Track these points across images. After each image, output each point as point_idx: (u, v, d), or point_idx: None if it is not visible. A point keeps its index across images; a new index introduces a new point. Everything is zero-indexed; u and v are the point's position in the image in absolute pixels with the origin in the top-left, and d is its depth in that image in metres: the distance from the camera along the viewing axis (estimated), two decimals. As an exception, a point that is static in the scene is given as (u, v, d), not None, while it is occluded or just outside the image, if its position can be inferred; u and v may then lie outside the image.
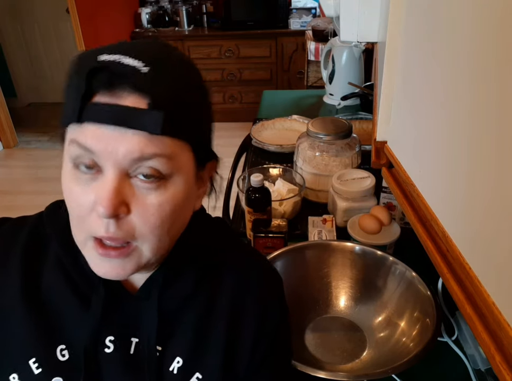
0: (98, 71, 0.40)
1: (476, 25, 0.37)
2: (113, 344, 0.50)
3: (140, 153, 0.40)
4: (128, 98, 0.40)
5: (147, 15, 3.79)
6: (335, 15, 1.06)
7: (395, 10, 0.58)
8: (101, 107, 0.40)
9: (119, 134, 0.40)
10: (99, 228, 0.42)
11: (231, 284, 0.55)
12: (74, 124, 0.41)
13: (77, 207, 0.43)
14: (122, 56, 0.41)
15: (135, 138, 0.40)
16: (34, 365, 0.48)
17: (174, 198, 0.44)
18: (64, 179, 0.44)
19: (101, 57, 0.41)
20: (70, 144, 0.42)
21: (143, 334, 0.50)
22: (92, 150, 0.40)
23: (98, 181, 0.42)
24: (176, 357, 0.51)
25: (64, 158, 0.45)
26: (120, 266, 0.44)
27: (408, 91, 0.57)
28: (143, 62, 0.41)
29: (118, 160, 0.40)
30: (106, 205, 0.40)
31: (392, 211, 1.07)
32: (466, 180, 0.40)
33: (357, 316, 0.87)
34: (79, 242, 0.45)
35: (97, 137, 0.40)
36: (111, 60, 0.40)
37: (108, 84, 0.40)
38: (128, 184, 0.42)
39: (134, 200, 0.42)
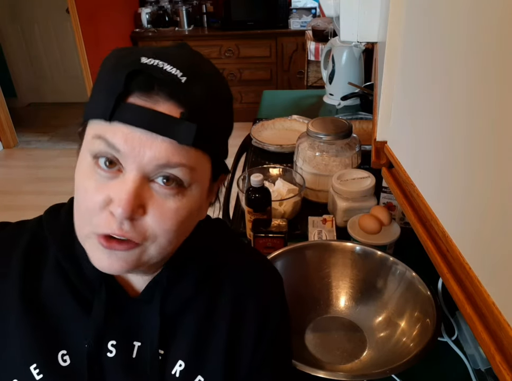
0: (139, 73, 0.40)
1: (475, 25, 0.37)
2: (116, 348, 0.50)
3: (166, 160, 0.41)
4: (163, 104, 0.40)
5: (147, 15, 3.79)
6: (335, 15, 1.06)
7: (395, 10, 0.58)
8: (136, 109, 0.40)
9: (149, 138, 0.40)
10: (110, 225, 0.41)
11: (232, 285, 0.55)
12: (103, 120, 0.41)
13: (89, 201, 0.42)
14: (163, 62, 0.41)
15: (164, 146, 0.40)
16: (35, 372, 0.47)
17: (190, 206, 0.45)
18: (79, 171, 0.44)
19: (143, 60, 0.41)
20: (94, 139, 0.42)
21: (145, 337, 0.50)
22: (119, 149, 0.40)
23: (116, 180, 0.41)
24: (179, 361, 0.51)
25: (82, 151, 0.44)
26: (122, 260, 0.43)
27: (407, 91, 0.57)
28: (181, 71, 0.41)
29: (143, 164, 0.40)
30: (124, 207, 0.40)
31: (392, 211, 1.07)
32: (466, 180, 0.40)
33: (357, 316, 0.87)
34: (82, 234, 0.45)
35: (126, 138, 0.40)
36: (153, 64, 0.41)
37: (146, 88, 0.40)
38: (147, 188, 0.42)
39: (151, 203, 0.42)
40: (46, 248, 0.52)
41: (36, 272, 0.51)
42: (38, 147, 3.65)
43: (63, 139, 3.74)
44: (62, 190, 2.82)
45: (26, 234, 0.52)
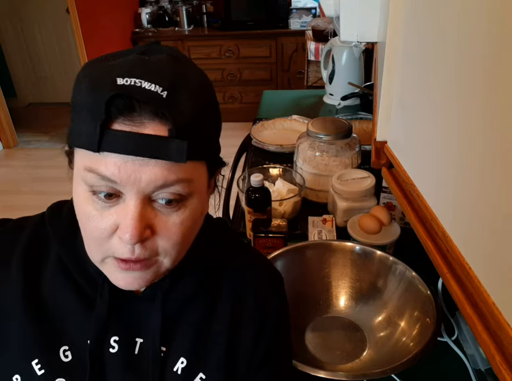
0: (117, 97, 0.38)
1: (476, 25, 0.37)
2: (118, 344, 0.50)
3: (164, 180, 0.40)
4: (148, 125, 0.39)
5: (147, 15, 3.79)
6: (335, 15, 1.06)
7: (395, 10, 0.58)
8: (122, 136, 0.38)
9: (142, 163, 0.39)
10: (122, 251, 0.42)
11: (232, 284, 0.55)
12: (89, 151, 0.40)
13: (95, 230, 0.42)
14: (140, 80, 0.39)
15: (158, 167, 0.40)
16: (36, 367, 0.48)
17: (193, 214, 0.45)
18: (78, 200, 0.43)
19: (119, 81, 0.39)
20: (86, 171, 0.41)
21: (147, 334, 0.51)
22: (114, 180, 0.39)
23: (118, 206, 0.41)
24: (180, 358, 0.51)
25: (75, 175, 0.44)
26: (141, 278, 0.45)
27: (407, 91, 0.57)
28: (160, 86, 0.39)
29: (141, 188, 0.40)
30: (132, 233, 0.40)
31: (392, 211, 1.07)
32: (466, 180, 0.40)
33: (358, 316, 0.87)
34: (96, 260, 0.45)
35: (118, 168, 0.39)
36: (130, 84, 0.39)
37: (128, 111, 0.38)
38: (150, 208, 0.42)
39: (156, 222, 0.42)
40: (48, 245, 0.52)
41: (38, 268, 0.51)
42: (38, 147, 3.64)
43: (63, 139, 3.71)
44: (62, 190, 2.80)
45: (28, 230, 0.53)
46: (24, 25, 4.13)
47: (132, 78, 0.39)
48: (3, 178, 3.18)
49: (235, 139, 1.98)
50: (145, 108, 0.39)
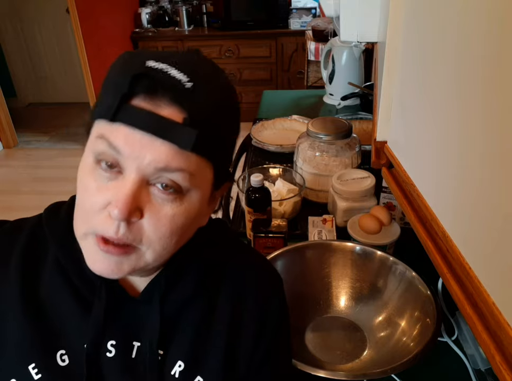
0: (144, 76, 0.40)
1: (476, 24, 0.37)
2: (115, 348, 0.49)
3: (166, 164, 0.41)
4: (166, 108, 0.41)
5: (147, 15, 3.79)
6: (335, 15, 1.06)
7: (395, 10, 0.58)
8: (138, 111, 0.40)
9: (149, 141, 0.40)
10: (107, 228, 0.42)
11: (231, 285, 0.55)
12: (106, 120, 0.41)
13: (88, 201, 0.43)
14: (169, 67, 0.41)
15: (164, 149, 0.41)
16: (33, 371, 0.47)
17: (187, 213, 0.44)
18: (82, 170, 0.44)
19: (149, 63, 0.41)
20: (97, 139, 0.42)
21: (144, 338, 0.50)
22: (119, 150, 0.40)
23: (116, 182, 0.42)
24: (178, 361, 0.51)
25: (86, 149, 0.45)
26: (117, 264, 0.43)
27: (407, 91, 0.57)
28: (187, 77, 0.41)
29: (142, 166, 0.41)
30: (121, 208, 0.40)
31: (392, 211, 1.07)
32: (466, 180, 0.40)
33: (358, 316, 0.87)
34: (79, 233, 0.45)
35: (126, 139, 0.40)
36: (158, 68, 0.41)
37: (150, 91, 0.40)
38: (146, 191, 0.42)
39: (148, 207, 0.42)
40: (45, 247, 0.51)
41: (35, 271, 0.50)
42: (38, 147, 3.65)
43: (63, 139, 3.74)
44: (62, 190, 2.81)
45: (25, 232, 0.52)
46: (24, 25, 4.13)
47: (162, 64, 0.42)
48: (3, 178, 3.18)
49: (235, 139, 1.99)
50: (167, 92, 0.40)
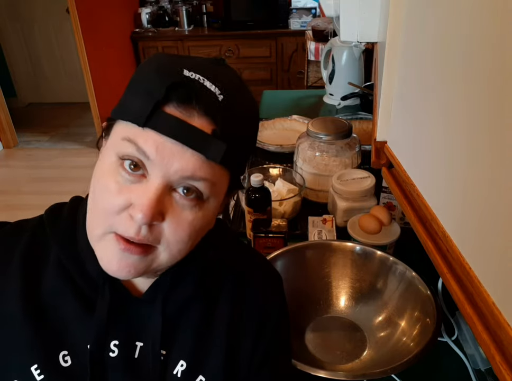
0: (180, 85, 0.41)
1: (476, 24, 0.37)
2: (118, 348, 0.49)
3: (192, 173, 0.42)
4: (197, 119, 0.41)
5: (147, 15, 3.79)
6: (335, 15, 1.06)
7: (395, 10, 0.58)
8: (171, 119, 0.40)
9: (179, 150, 0.41)
10: (128, 229, 0.42)
11: (231, 285, 0.55)
12: (133, 124, 0.41)
13: (107, 202, 0.42)
14: (204, 78, 0.42)
15: (192, 159, 0.41)
16: (35, 372, 0.47)
17: (204, 218, 0.46)
18: (100, 170, 0.44)
19: (185, 73, 0.42)
20: (123, 141, 0.42)
21: (147, 338, 0.50)
22: (149, 156, 0.41)
23: (139, 185, 0.42)
24: (180, 361, 0.51)
25: (106, 148, 0.45)
26: (134, 264, 0.44)
27: (407, 91, 0.57)
28: (219, 89, 0.42)
29: (169, 173, 0.41)
30: (145, 212, 0.40)
31: (392, 211, 1.07)
32: (466, 180, 0.40)
33: (358, 316, 0.87)
34: (96, 234, 0.44)
35: (157, 146, 0.40)
36: (195, 79, 0.42)
37: (185, 100, 0.41)
38: (168, 196, 0.43)
39: (170, 211, 0.43)
40: (47, 247, 0.51)
41: (37, 271, 0.50)
42: (38, 147, 3.65)
43: (63, 139, 3.74)
44: (62, 190, 2.82)
45: (27, 233, 0.52)
46: (24, 25, 4.13)
47: (198, 74, 0.42)
48: (3, 178, 3.18)
49: (235, 139, 1.98)
50: (200, 103, 0.41)
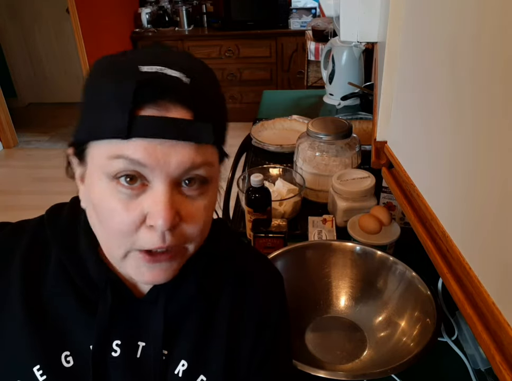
0: (145, 84, 0.39)
1: (476, 24, 0.37)
2: (120, 348, 0.50)
3: (191, 163, 0.41)
4: (174, 110, 0.40)
5: (147, 15, 3.79)
6: (335, 15, 1.06)
7: (395, 10, 0.58)
8: (150, 121, 0.39)
9: (170, 146, 0.40)
10: (153, 241, 0.42)
11: (232, 284, 0.55)
12: (114, 139, 0.40)
13: (121, 224, 0.42)
14: (164, 68, 0.40)
15: (186, 149, 0.41)
16: (38, 373, 0.47)
17: (213, 200, 0.46)
18: (100, 197, 0.42)
19: (143, 69, 0.40)
20: (111, 160, 0.40)
21: (149, 338, 0.50)
22: (145, 164, 0.40)
23: (146, 195, 0.41)
24: (182, 360, 0.51)
25: (92, 177, 0.43)
26: (167, 270, 0.45)
27: (407, 91, 0.57)
28: (182, 72, 0.41)
29: (170, 172, 0.41)
30: (165, 217, 0.40)
31: (392, 211, 1.07)
32: (466, 180, 0.40)
33: (358, 316, 0.87)
34: (117, 255, 0.44)
35: (148, 152, 0.39)
36: (155, 72, 0.40)
37: (155, 97, 0.39)
38: (176, 193, 0.43)
39: (183, 207, 0.43)
40: (48, 249, 0.51)
41: (38, 273, 0.50)
42: (38, 147, 3.64)
43: (63, 139, 3.74)
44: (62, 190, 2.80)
45: (27, 234, 0.52)
46: (24, 25, 4.13)
47: (154, 66, 0.40)
48: (3, 178, 3.18)
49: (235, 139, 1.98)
50: (170, 93, 0.40)
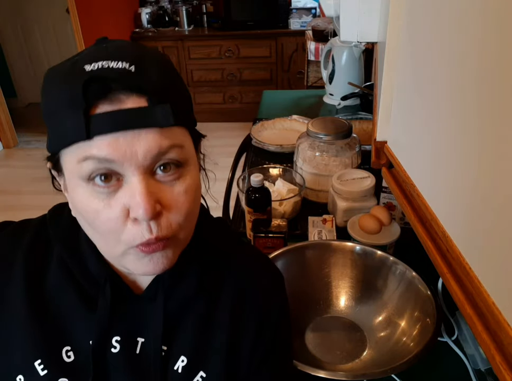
0: (90, 83, 0.39)
1: (477, 24, 0.37)
2: (120, 344, 0.50)
3: (158, 148, 0.41)
4: (127, 100, 0.40)
5: (147, 15, 3.79)
6: (335, 15, 1.06)
7: (395, 10, 0.58)
8: (107, 117, 0.40)
9: (132, 137, 0.40)
10: (141, 234, 0.42)
11: (233, 283, 0.55)
12: (78, 143, 0.40)
13: (108, 222, 0.42)
14: (106, 61, 0.40)
15: (149, 136, 0.41)
16: (39, 367, 0.48)
17: (194, 182, 0.46)
18: (81, 202, 0.43)
19: (87, 68, 0.40)
20: (80, 163, 0.41)
21: (149, 334, 0.51)
22: (112, 159, 0.40)
23: (123, 190, 0.42)
24: (181, 356, 0.51)
25: (70, 184, 0.44)
26: (163, 259, 0.45)
27: (407, 92, 0.57)
28: (126, 62, 0.41)
29: (139, 162, 0.41)
30: (145, 207, 0.40)
31: (392, 211, 1.07)
32: (466, 180, 0.40)
33: (358, 316, 0.87)
34: (115, 254, 0.45)
35: (113, 147, 0.40)
36: (99, 67, 0.40)
37: (105, 93, 0.40)
38: (153, 181, 0.42)
39: (163, 194, 0.43)
40: (49, 247, 0.52)
41: (40, 270, 0.51)
42: (38, 147, 3.64)
43: (63, 139, 3.74)
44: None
45: (30, 233, 0.53)
46: (24, 25, 4.13)
47: (98, 62, 0.40)
48: (3, 178, 3.18)
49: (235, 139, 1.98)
50: (119, 85, 0.40)
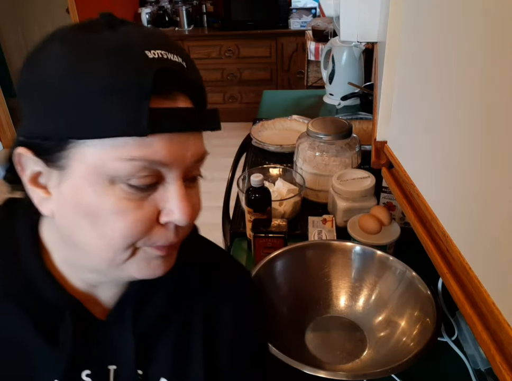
0: (162, 73, 0.34)
1: (476, 24, 0.37)
2: (91, 378, 0.45)
3: (202, 154, 0.39)
4: (178, 98, 0.37)
5: (147, 15, 3.79)
6: (335, 15, 1.06)
7: (395, 10, 0.58)
8: (165, 114, 0.35)
9: (186, 139, 0.37)
10: (168, 237, 0.39)
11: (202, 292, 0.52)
12: (124, 137, 0.34)
13: (136, 224, 0.37)
14: (165, 52, 0.35)
15: (197, 140, 0.38)
16: None
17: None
18: (90, 201, 0.36)
19: (149, 54, 0.34)
20: (120, 161, 0.34)
21: (120, 360, 0.46)
22: (164, 163, 0.36)
23: (158, 192, 0.38)
24: (161, 379, 0.48)
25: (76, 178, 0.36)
26: (172, 259, 0.43)
27: (407, 91, 0.57)
28: (180, 56, 0.36)
29: (185, 166, 0.38)
30: (187, 212, 0.38)
31: (392, 211, 1.07)
32: (466, 180, 0.40)
33: (357, 316, 0.87)
34: (119, 260, 0.39)
35: (168, 149, 0.35)
36: (160, 57, 0.34)
37: (168, 86, 0.35)
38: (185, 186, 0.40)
39: (192, 199, 0.41)
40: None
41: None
42: (38, 147, 3.64)
43: (63, 139, 3.73)
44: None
45: None
46: (24, 25, 4.13)
47: (157, 50, 0.35)
48: (3, 178, 3.17)
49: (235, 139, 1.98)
50: (176, 81, 0.36)
